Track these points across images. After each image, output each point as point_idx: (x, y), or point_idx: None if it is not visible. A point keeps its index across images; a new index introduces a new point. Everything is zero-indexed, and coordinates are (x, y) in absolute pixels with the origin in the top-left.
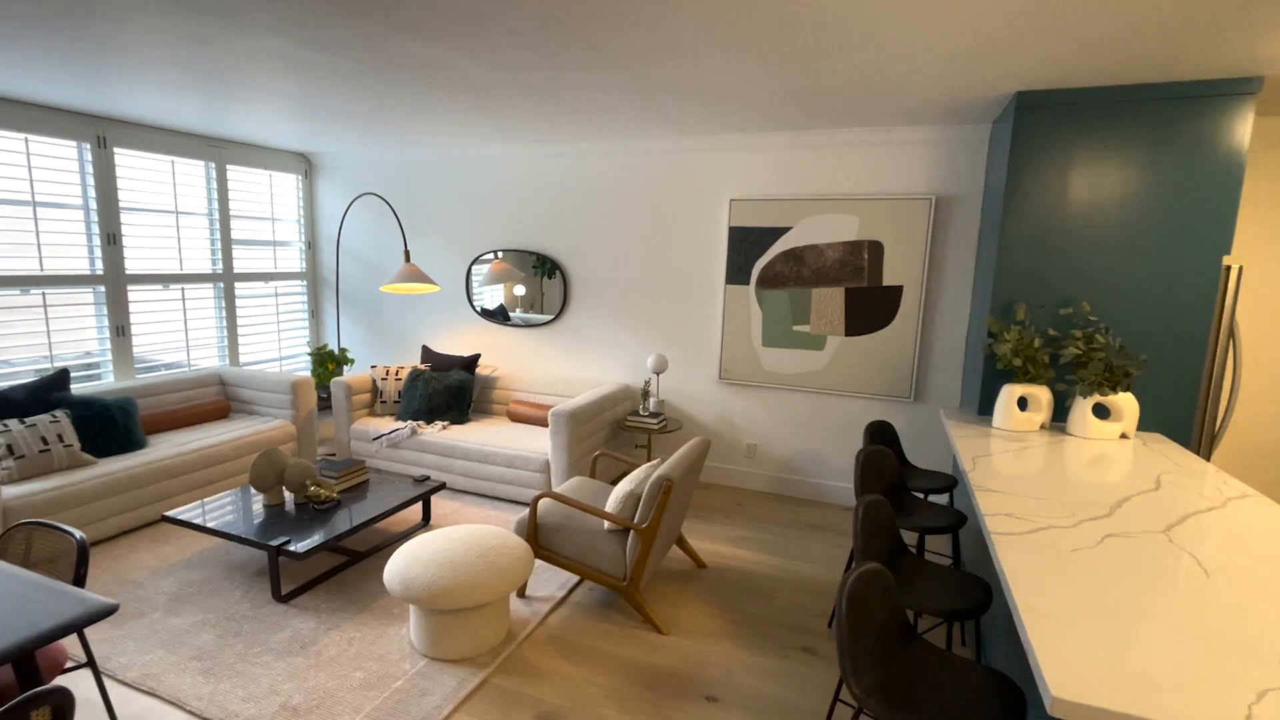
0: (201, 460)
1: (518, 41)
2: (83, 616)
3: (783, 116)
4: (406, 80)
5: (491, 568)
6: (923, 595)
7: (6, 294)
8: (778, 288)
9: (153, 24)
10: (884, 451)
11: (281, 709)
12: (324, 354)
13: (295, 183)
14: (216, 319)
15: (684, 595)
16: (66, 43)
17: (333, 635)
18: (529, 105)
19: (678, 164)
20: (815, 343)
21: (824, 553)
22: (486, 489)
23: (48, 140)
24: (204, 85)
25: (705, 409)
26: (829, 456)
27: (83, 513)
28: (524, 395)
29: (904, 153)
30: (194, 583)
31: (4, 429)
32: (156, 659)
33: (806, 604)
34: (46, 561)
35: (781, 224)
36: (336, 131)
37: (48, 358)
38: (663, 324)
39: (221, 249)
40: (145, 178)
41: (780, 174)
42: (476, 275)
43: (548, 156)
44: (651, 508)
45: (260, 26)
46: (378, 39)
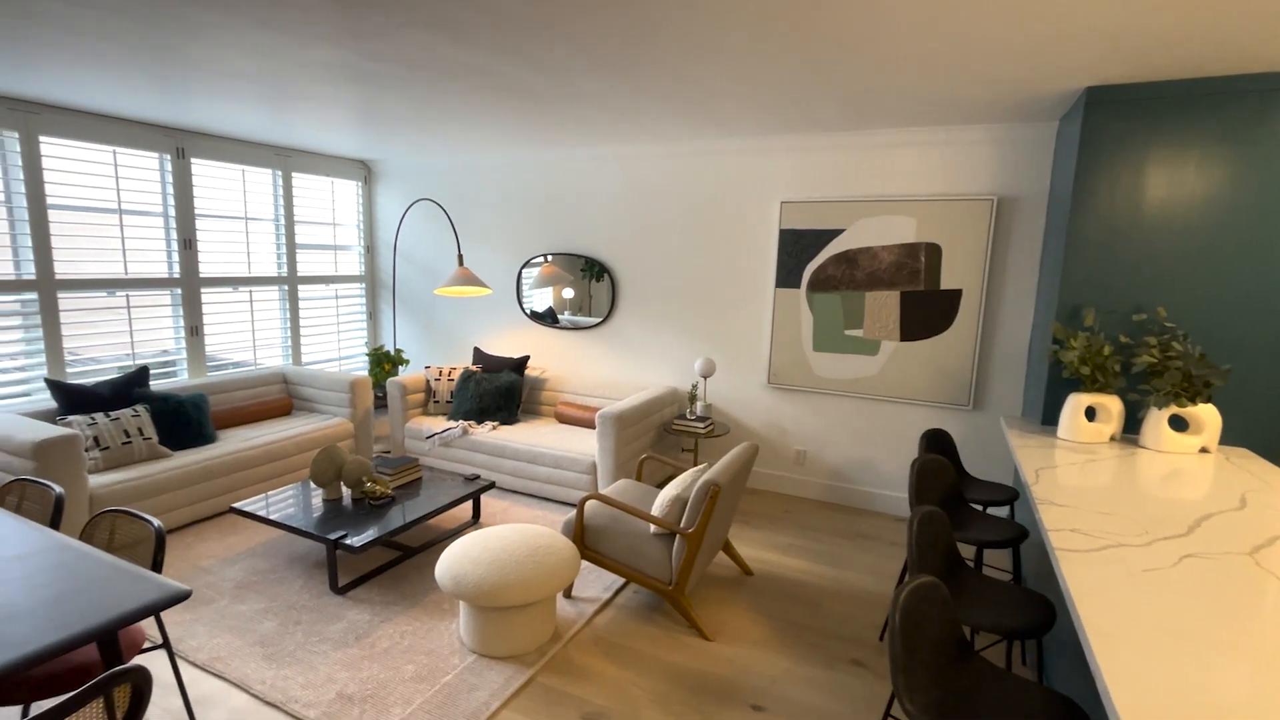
0: (266, 455)
1: (569, 48)
2: (160, 600)
3: (836, 117)
4: (460, 88)
5: (539, 567)
6: (981, 611)
7: (95, 296)
8: (830, 291)
9: (224, 39)
10: (940, 461)
11: (338, 697)
12: (381, 354)
13: (355, 189)
14: (281, 320)
15: (730, 602)
16: (149, 59)
17: (386, 628)
18: (579, 110)
19: (727, 166)
20: (868, 348)
21: (875, 563)
22: (534, 489)
23: (133, 152)
24: (271, 97)
25: (753, 414)
26: (881, 465)
27: (159, 502)
28: (571, 397)
29: (964, 152)
30: (258, 572)
31: (91, 422)
32: (224, 643)
33: (856, 615)
34: (128, 547)
35: (834, 226)
36: (394, 139)
37: (130, 355)
38: (711, 327)
39: (286, 253)
40: (218, 186)
41: (833, 175)
42: (527, 278)
43: (597, 160)
44: (698, 512)
45: (322, 39)
46: (433, 49)
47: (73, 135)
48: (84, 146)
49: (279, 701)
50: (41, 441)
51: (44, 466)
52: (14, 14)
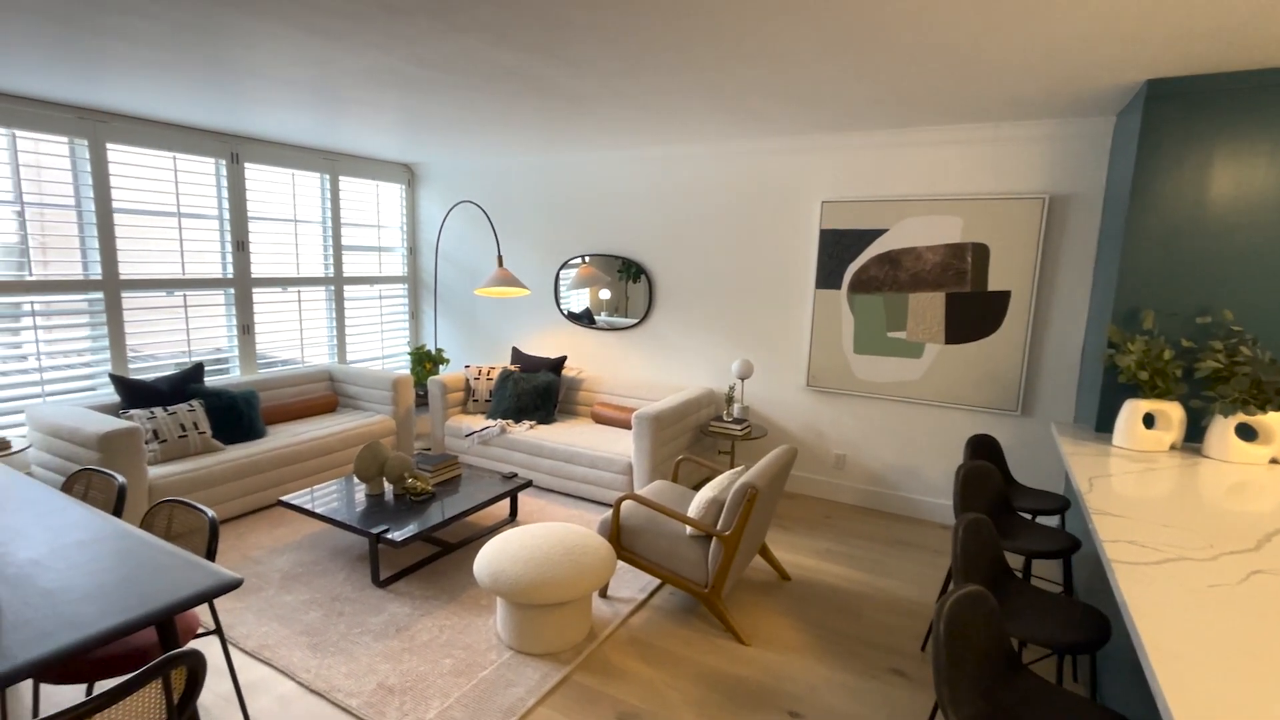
0: (312, 450)
1: (609, 50)
2: (214, 588)
3: (879, 116)
4: (501, 91)
5: (575, 566)
6: (1030, 623)
7: (155, 295)
8: (872, 292)
9: (279, 48)
10: (987, 467)
11: (379, 688)
12: (422, 354)
13: (399, 192)
14: (327, 319)
15: (767, 606)
16: (209, 69)
17: (425, 622)
18: (618, 111)
19: (766, 166)
20: (911, 350)
21: (917, 571)
22: (570, 488)
23: (192, 158)
24: (320, 103)
25: (791, 416)
26: (924, 470)
27: (212, 494)
28: (608, 397)
29: (1014, 150)
30: (304, 563)
31: (151, 416)
32: (271, 631)
33: (897, 624)
34: (183, 535)
35: (877, 226)
36: (436, 142)
37: (186, 353)
38: (748, 328)
39: (333, 254)
40: (269, 189)
41: (876, 174)
42: (564, 279)
43: (635, 161)
44: (735, 515)
45: (371, 46)
46: (476, 53)
47: (136, 142)
48: (146, 153)
49: (323, 690)
50: (106, 433)
51: (108, 457)
52: (88, 29)
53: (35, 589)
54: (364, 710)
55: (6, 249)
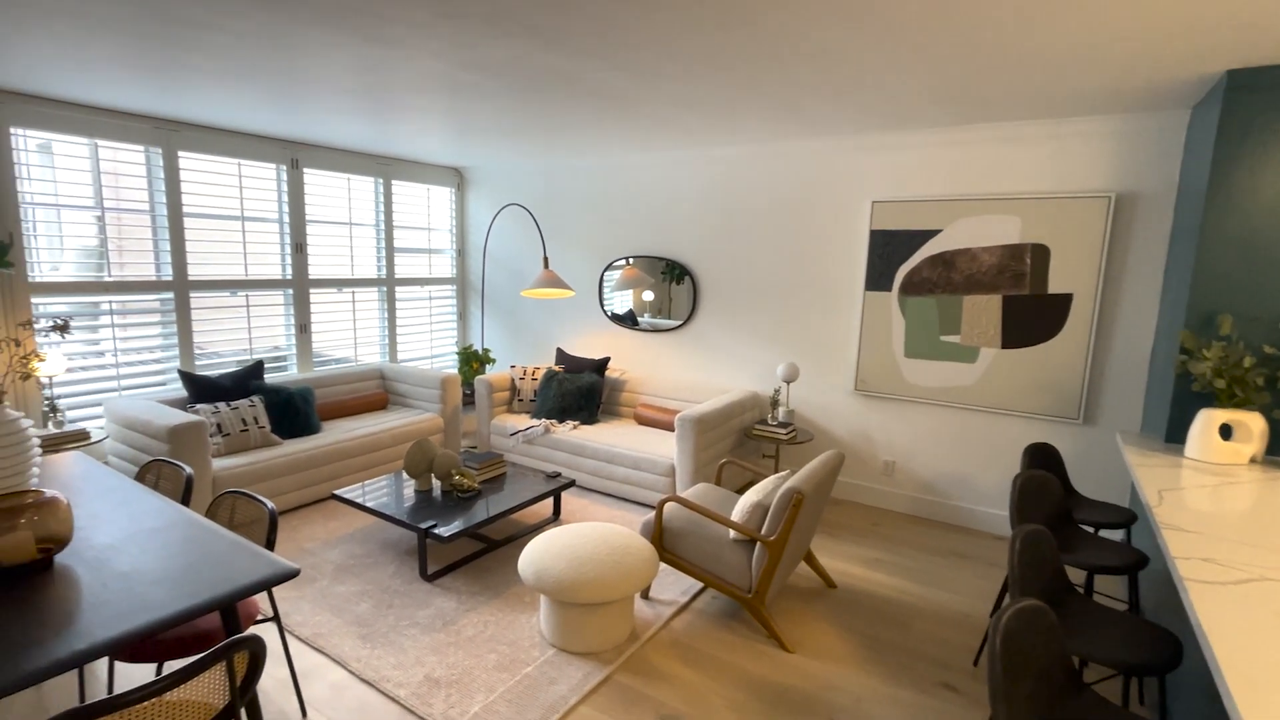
0: (364, 446)
1: (658, 51)
2: (273, 576)
3: (934, 114)
4: (550, 94)
5: (618, 567)
6: (1093, 642)
7: (219, 295)
8: (924, 295)
9: (339, 57)
10: (1046, 477)
11: (425, 679)
12: (469, 353)
13: (449, 195)
14: (379, 319)
15: (811, 614)
16: (273, 78)
17: (470, 617)
18: (666, 112)
19: (815, 166)
20: (966, 355)
21: (969, 583)
22: (613, 489)
23: (255, 164)
24: (375, 109)
25: (838, 421)
26: (977, 479)
27: (270, 486)
28: (651, 399)
29: (1077, 146)
30: (355, 556)
31: (215, 410)
32: (324, 620)
33: (948, 637)
34: (245, 525)
35: (930, 227)
36: (485, 146)
37: (247, 350)
38: (795, 331)
39: (385, 256)
40: (326, 194)
41: (930, 173)
42: (608, 280)
43: (681, 163)
44: (780, 520)
45: (424, 53)
46: (526, 57)
47: (205, 150)
48: (214, 160)
49: (373, 679)
50: (174, 426)
51: (176, 449)
52: (168, 43)
53: (112, 572)
54: (412, 701)
55: (87, 252)
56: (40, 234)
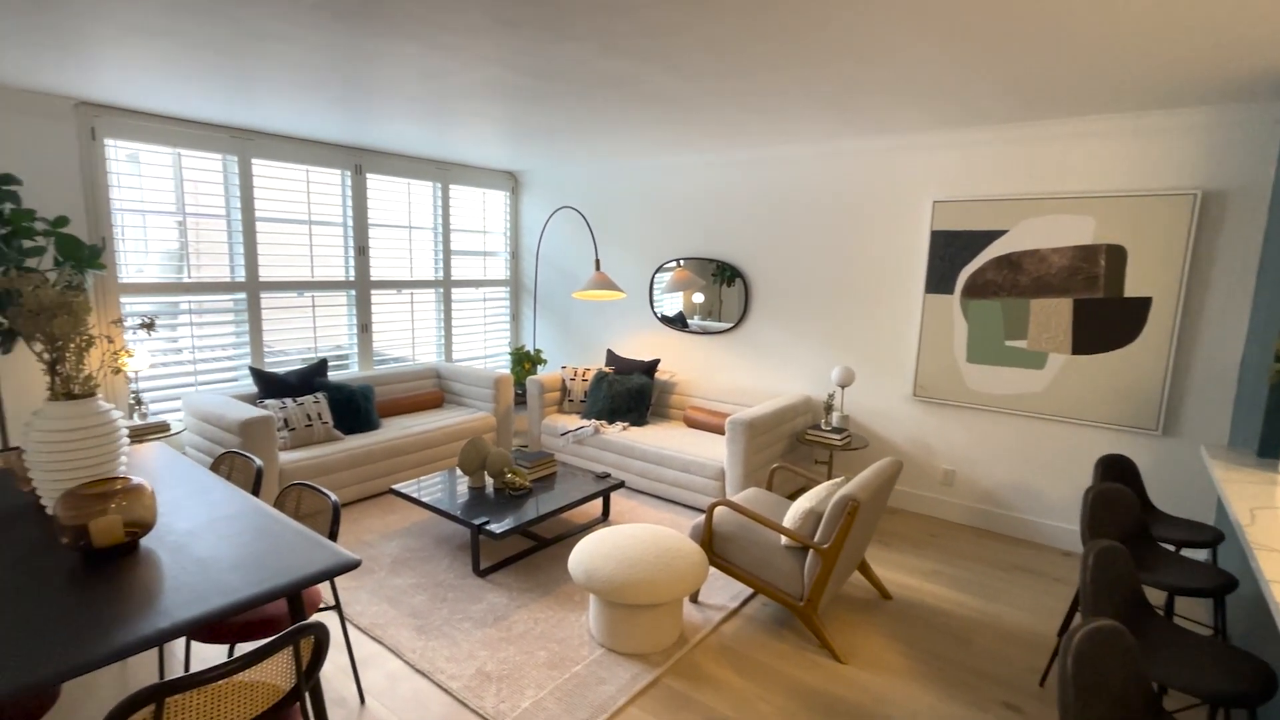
0: (420, 443)
1: (714, 52)
2: (336, 566)
3: (1000, 109)
4: (603, 98)
5: (668, 569)
6: (1176, 668)
7: (287, 296)
8: (988, 298)
9: (403, 65)
10: (1121, 490)
11: (478, 673)
12: (522, 354)
13: (503, 199)
14: (436, 320)
15: (865, 625)
16: (341, 88)
17: (521, 613)
18: (719, 113)
19: (873, 165)
20: (1033, 360)
21: (1035, 600)
22: (661, 491)
23: (322, 170)
24: (435, 115)
25: (895, 428)
26: (1044, 491)
27: (332, 479)
28: (701, 401)
29: (1158, 142)
30: (411, 549)
31: (282, 406)
32: (381, 611)
33: (1012, 655)
34: (310, 516)
35: (995, 227)
36: (539, 150)
37: (312, 349)
38: (850, 335)
39: (443, 259)
40: (387, 198)
41: (995, 172)
42: (659, 282)
43: (733, 164)
44: (834, 528)
45: (484, 59)
46: (583, 61)
47: (276, 157)
48: (284, 166)
49: (427, 670)
50: (246, 420)
51: (247, 442)
52: (246, 56)
53: (190, 556)
54: (464, 694)
55: (168, 255)
56: (128, 238)
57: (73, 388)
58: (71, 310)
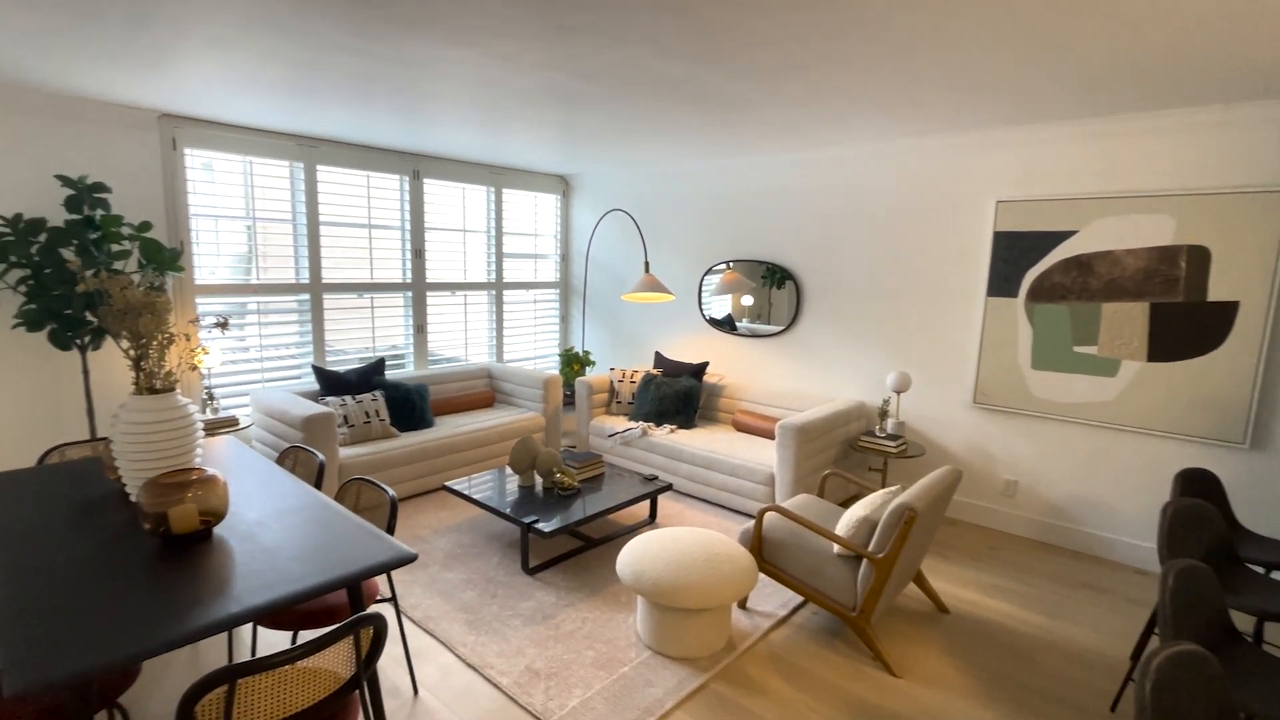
0: (471, 441)
1: (771, 52)
2: (394, 560)
3: (1070, 104)
4: (657, 100)
5: (716, 574)
6: (1269, 698)
7: (347, 297)
8: (1055, 301)
9: (461, 73)
10: (1203, 507)
11: (526, 670)
12: (571, 355)
13: (554, 202)
14: (488, 321)
15: (921, 638)
16: (401, 96)
17: (569, 612)
18: (775, 114)
19: (932, 164)
20: (1104, 368)
21: (1104, 619)
22: (709, 495)
23: (382, 175)
24: (490, 121)
25: (954, 435)
26: (1116, 505)
27: (388, 475)
28: (750, 405)
29: (1248, 135)
30: (463, 545)
31: (342, 403)
32: (434, 605)
33: (1079, 676)
34: (369, 510)
35: (1064, 228)
36: (591, 154)
37: (370, 349)
38: (906, 339)
39: (495, 261)
40: (443, 202)
41: (1063, 170)
42: (708, 285)
43: (786, 165)
44: (890, 537)
45: (540, 65)
46: (637, 65)
47: (339, 163)
48: (346, 172)
49: (477, 665)
50: (309, 416)
51: (309, 437)
52: (312, 67)
53: (259, 546)
54: (513, 689)
55: (238, 257)
56: (201, 241)
57: (155, 383)
58: (155, 310)
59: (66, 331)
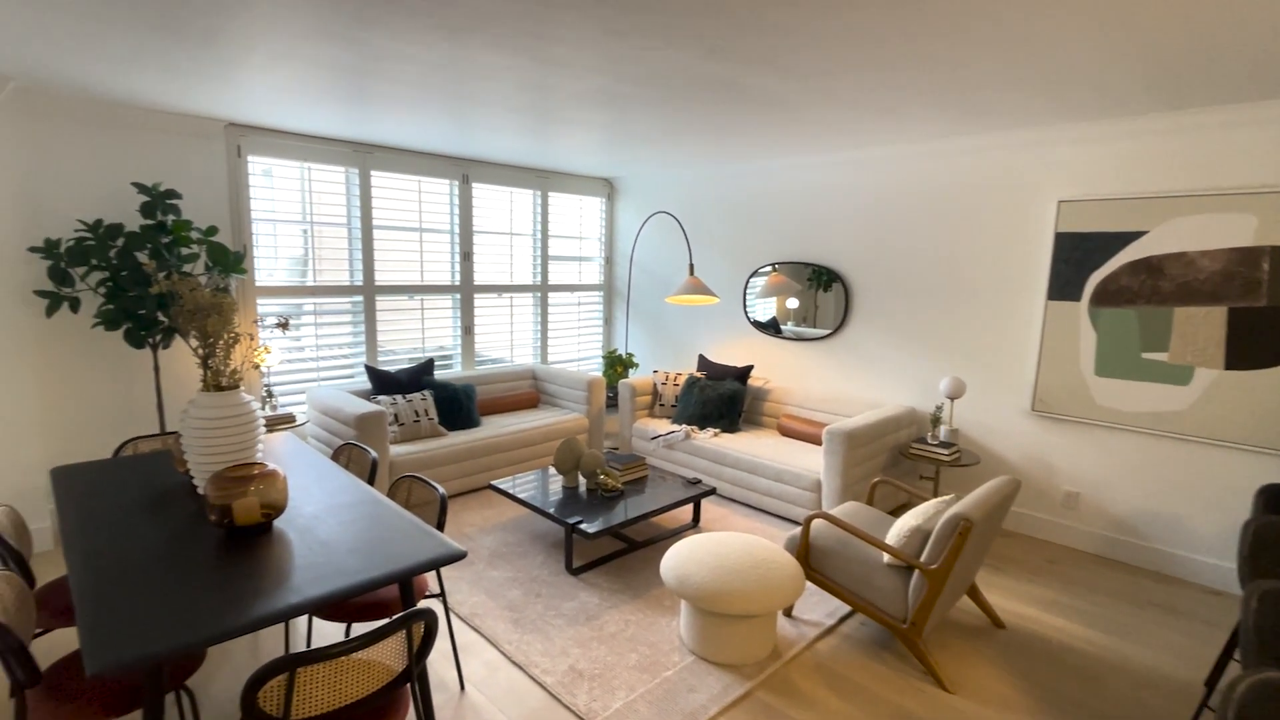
0: (516, 442)
1: (822, 51)
2: (444, 556)
3: (1141, 97)
4: (705, 102)
5: (762, 581)
6: None
7: (398, 299)
8: (1123, 305)
9: (511, 78)
10: None
11: (570, 670)
12: (614, 357)
13: (599, 205)
14: (533, 323)
15: (975, 654)
16: (452, 103)
17: (612, 614)
18: (825, 114)
19: (988, 163)
20: (1176, 375)
21: (1175, 642)
22: (753, 500)
23: (432, 180)
24: (537, 125)
25: (1010, 444)
26: (1189, 521)
27: (436, 473)
28: (796, 410)
29: None
30: (508, 544)
31: (393, 402)
32: (480, 602)
33: (1149, 701)
34: (419, 507)
35: (1132, 228)
36: (636, 157)
37: (420, 349)
38: (960, 344)
39: (541, 264)
40: (490, 206)
41: (1132, 167)
42: (753, 287)
43: (834, 165)
44: (943, 548)
45: (590, 70)
46: (686, 67)
47: (391, 169)
48: (398, 177)
49: (522, 663)
50: (362, 414)
51: (362, 435)
52: (368, 75)
53: (316, 539)
54: (557, 689)
55: (295, 260)
56: (261, 245)
57: (221, 380)
58: (222, 310)
59: (140, 330)
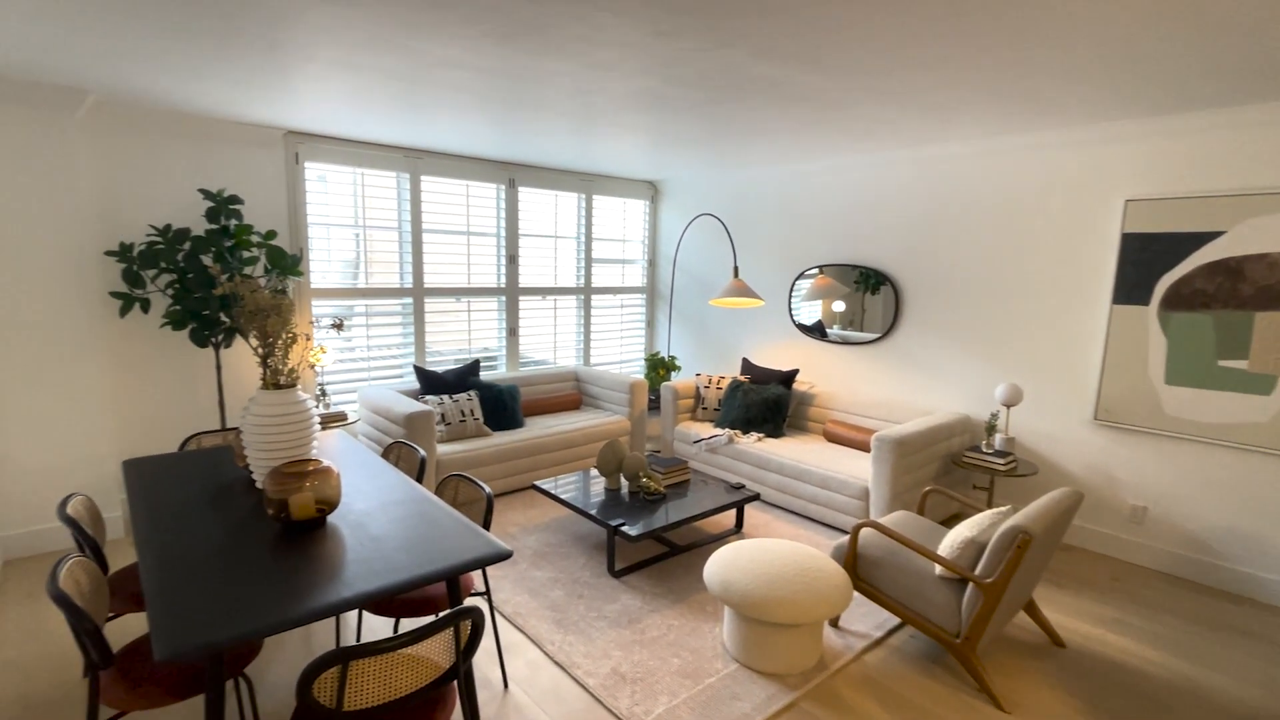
0: (559, 443)
1: (873, 48)
2: (490, 555)
3: (1214, 90)
4: (751, 103)
5: (808, 589)
6: None
7: (445, 301)
8: (1196, 310)
9: (561, 84)
10: None
11: (612, 673)
12: (656, 360)
13: (643, 208)
14: (576, 325)
15: (1033, 672)
16: (501, 109)
17: (654, 618)
18: (872, 111)
19: (1048, 161)
20: (1256, 384)
21: (1256, 669)
22: (798, 506)
23: (480, 184)
24: (583, 129)
25: (1070, 454)
26: (1270, 539)
27: (481, 472)
28: (842, 415)
29: None
30: (550, 544)
31: (440, 402)
32: (523, 602)
33: None
34: (465, 505)
35: (1206, 228)
36: (680, 159)
37: (466, 350)
38: (1017, 349)
39: (584, 267)
40: (535, 210)
41: (1206, 164)
42: (798, 290)
43: (882, 165)
44: (1000, 561)
45: (637, 72)
46: (733, 67)
47: (441, 174)
48: (448, 182)
49: (565, 664)
50: (410, 414)
51: (410, 433)
52: (421, 83)
53: (367, 535)
54: (600, 691)
55: (347, 263)
56: (316, 248)
57: (279, 379)
58: (280, 311)
59: (204, 330)
